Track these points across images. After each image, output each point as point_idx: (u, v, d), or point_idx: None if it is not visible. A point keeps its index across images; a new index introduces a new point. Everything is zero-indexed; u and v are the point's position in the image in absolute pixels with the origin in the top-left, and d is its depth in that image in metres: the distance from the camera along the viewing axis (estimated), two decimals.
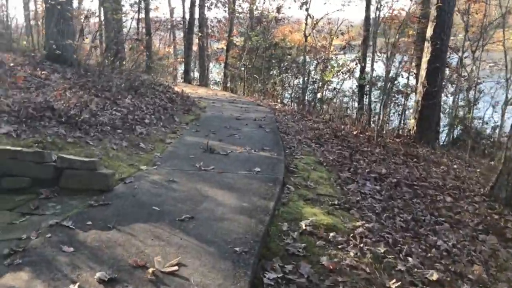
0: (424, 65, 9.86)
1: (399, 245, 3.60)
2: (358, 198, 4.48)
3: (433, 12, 9.72)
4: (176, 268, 2.59)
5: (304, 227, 3.45)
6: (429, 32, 9.72)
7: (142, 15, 17.63)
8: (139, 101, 7.42)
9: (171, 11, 25.21)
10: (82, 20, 9.95)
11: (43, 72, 7.26)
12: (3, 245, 2.79)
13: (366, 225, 3.72)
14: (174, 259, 2.68)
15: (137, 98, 7.54)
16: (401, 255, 3.42)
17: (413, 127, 10.02)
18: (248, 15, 20.26)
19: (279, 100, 15.26)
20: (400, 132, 11.64)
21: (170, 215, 3.38)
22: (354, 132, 8.86)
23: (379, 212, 4.28)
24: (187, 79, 18.43)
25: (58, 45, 8.28)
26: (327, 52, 16.10)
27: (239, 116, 8.54)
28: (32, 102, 5.27)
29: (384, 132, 10.94)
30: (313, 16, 16.08)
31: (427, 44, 9.86)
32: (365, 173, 5.49)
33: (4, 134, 4.46)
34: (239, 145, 5.94)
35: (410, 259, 3.38)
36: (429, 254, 3.62)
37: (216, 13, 43.18)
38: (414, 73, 15.49)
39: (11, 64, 7.26)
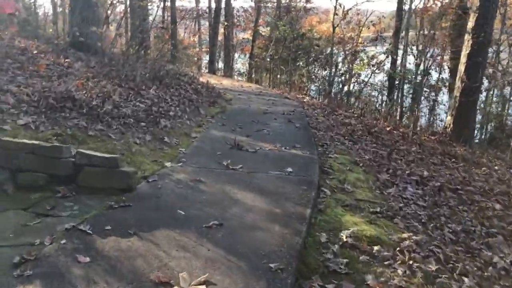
0: (463, 59, 9.22)
1: (452, 262, 3.19)
2: (401, 205, 4.07)
3: (475, 2, 9.07)
4: (203, 287, 2.27)
5: (345, 239, 3.07)
6: (471, 23, 9.08)
7: (168, 4, 17.37)
8: (164, 92, 7.11)
9: (197, 0, 24.91)
10: (107, 7, 9.71)
11: (66, 60, 7.03)
12: (14, 251, 2.52)
13: (414, 237, 3.32)
14: (202, 275, 2.35)
15: (161, 89, 7.24)
16: (455, 274, 3.02)
17: (450, 125, 9.45)
18: (275, 4, 19.76)
19: (306, 93, 14.80)
20: (434, 129, 11.09)
21: (196, 220, 3.06)
22: (387, 129, 8.37)
23: (425, 221, 3.86)
24: (212, 70, 18.11)
25: (83, 32, 8.06)
26: (355, 44, 15.53)
27: (266, 109, 8.16)
28: (52, 91, 5.01)
29: (418, 128, 10.39)
30: (343, 6, 15.53)
31: (467, 37, 9.21)
32: (405, 175, 5.05)
33: (22, 126, 4.21)
34: (268, 141, 5.57)
35: (465, 279, 2.96)
36: (485, 274, 3.20)
37: (243, 2, 42.82)
38: (448, 66, 14.81)
39: (35, 52, 7.07)
